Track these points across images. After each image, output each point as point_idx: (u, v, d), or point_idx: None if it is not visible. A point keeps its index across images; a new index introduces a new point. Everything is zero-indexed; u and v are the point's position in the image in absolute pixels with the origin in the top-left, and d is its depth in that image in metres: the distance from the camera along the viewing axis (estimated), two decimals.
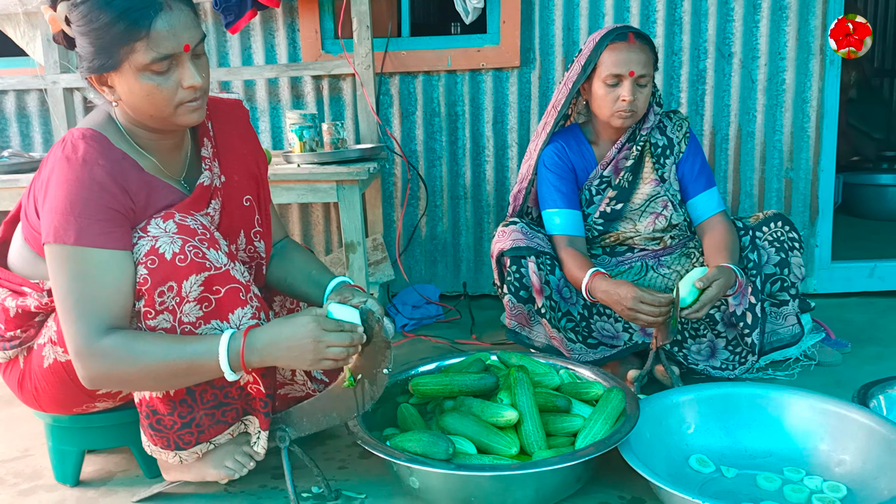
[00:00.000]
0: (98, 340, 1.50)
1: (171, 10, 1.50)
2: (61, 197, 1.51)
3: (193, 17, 1.56)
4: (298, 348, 1.54)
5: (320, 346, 1.54)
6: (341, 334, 1.56)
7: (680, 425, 1.92)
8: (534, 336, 2.42)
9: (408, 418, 1.90)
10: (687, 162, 2.42)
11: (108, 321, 1.52)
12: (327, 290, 1.82)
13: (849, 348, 2.64)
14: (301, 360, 1.55)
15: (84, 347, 1.51)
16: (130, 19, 1.47)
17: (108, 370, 1.52)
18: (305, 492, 1.83)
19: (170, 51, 1.51)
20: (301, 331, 1.54)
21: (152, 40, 1.48)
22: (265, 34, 3.33)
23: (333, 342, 1.55)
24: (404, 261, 3.43)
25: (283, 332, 1.55)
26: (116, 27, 1.47)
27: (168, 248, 1.54)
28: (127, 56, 1.50)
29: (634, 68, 2.23)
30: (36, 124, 3.52)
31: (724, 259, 2.19)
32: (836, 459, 1.81)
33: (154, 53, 1.49)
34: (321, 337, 1.54)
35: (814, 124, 3.17)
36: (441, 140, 3.35)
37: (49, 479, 1.95)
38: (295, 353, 1.54)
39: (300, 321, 1.56)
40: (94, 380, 1.54)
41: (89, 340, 1.50)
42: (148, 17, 1.47)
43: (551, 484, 1.68)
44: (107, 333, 1.51)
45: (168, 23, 1.49)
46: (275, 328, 1.57)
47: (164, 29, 1.49)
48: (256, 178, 1.86)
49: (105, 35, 1.48)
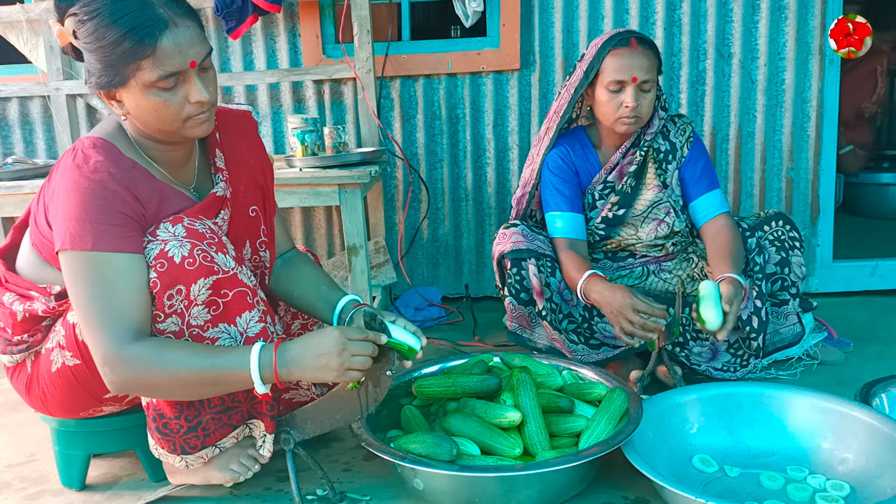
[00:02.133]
0: (127, 346, 1.50)
1: (177, 27, 1.51)
2: (74, 204, 1.52)
3: (199, 32, 1.57)
4: (325, 357, 1.56)
5: (345, 355, 1.56)
6: (365, 343, 1.59)
7: (683, 425, 1.93)
8: (535, 338, 2.42)
9: (411, 420, 1.91)
10: (689, 166, 2.41)
11: (134, 326, 1.52)
12: (337, 308, 1.84)
13: (851, 347, 2.64)
14: (328, 370, 1.57)
15: (112, 353, 1.51)
16: (136, 37, 1.48)
17: (138, 376, 1.52)
18: (310, 494, 1.83)
19: (176, 68, 1.52)
20: (326, 341, 1.57)
21: (158, 58, 1.49)
22: (266, 39, 3.34)
23: (358, 351, 1.57)
24: (406, 263, 3.44)
25: (310, 343, 1.58)
26: (123, 45, 1.48)
27: (177, 252, 1.55)
28: (134, 73, 1.51)
29: (637, 74, 2.22)
30: (39, 131, 3.52)
31: (728, 268, 2.15)
32: (838, 458, 1.81)
33: (160, 71, 1.50)
34: (346, 346, 1.57)
35: (814, 124, 3.18)
36: (442, 143, 3.36)
37: (55, 484, 1.96)
38: (322, 363, 1.56)
39: (326, 331, 1.59)
40: (124, 385, 1.54)
41: (118, 346, 1.50)
42: (153, 35, 1.48)
43: (555, 484, 1.68)
44: (136, 339, 1.52)
45: (174, 40, 1.50)
46: (302, 341, 1.59)
47: (170, 47, 1.50)
48: (263, 189, 1.88)
49: (112, 53, 1.50)
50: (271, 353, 1.56)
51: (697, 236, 2.49)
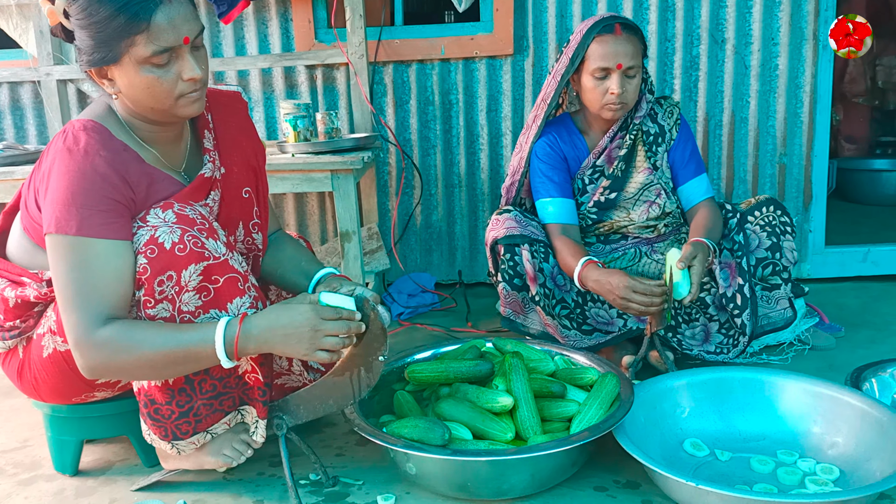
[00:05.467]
0: (97, 330, 1.51)
1: (171, 3, 1.51)
2: (63, 188, 1.51)
3: (192, 10, 1.56)
4: (295, 336, 1.53)
5: (317, 335, 1.53)
6: (339, 323, 1.55)
7: (674, 410, 1.94)
8: (528, 323, 2.43)
9: (404, 405, 1.91)
10: (678, 149, 2.44)
11: (107, 311, 1.52)
12: (313, 280, 1.83)
13: (842, 332, 2.65)
14: (297, 349, 1.55)
15: (83, 337, 1.51)
16: (131, 12, 1.47)
17: (106, 360, 1.52)
18: (303, 479, 1.84)
19: (170, 43, 1.51)
20: (299, 318, 1.53)
21: (152, 33, 1.49)
22: (258, 24, 3.32)
23: (331, 331, 1.54)
24: (399, 250, 3.44)
25: (280, 319, 1.54)
26: (117, 20, 1.48)
27: (167, 238, 1.54)
28: (127, 49, 1.50)
29: (622, 61, 2.23)
30: (30, 116, 3.51)
31: (699, 235, 2.21)
32: (829, 442, 1.82)
33: (154, 46, 1.50)
34: (319, 326, 1.53)
35: (807, 110, 3.18)
36: (435, 129, 3.35)
37: (48, 469, 1.96)
38: (292, 342, 1.54)
39: (298, 308, 1.55)
40: (93, 369, 1.54)
41: (88, 330, 1.51)
42: (148, 10, 1.48)
43: (547, 468, 1.69)
44: (105, 323, 1.51)
45: (168, 16, 1.50)
46: (271, 314, 1.56)
47: (164, 22, 1.49)
48: (255, 170, 1.87)
49: (105, 28, 1.49)
50: (236, 327, 1.53)
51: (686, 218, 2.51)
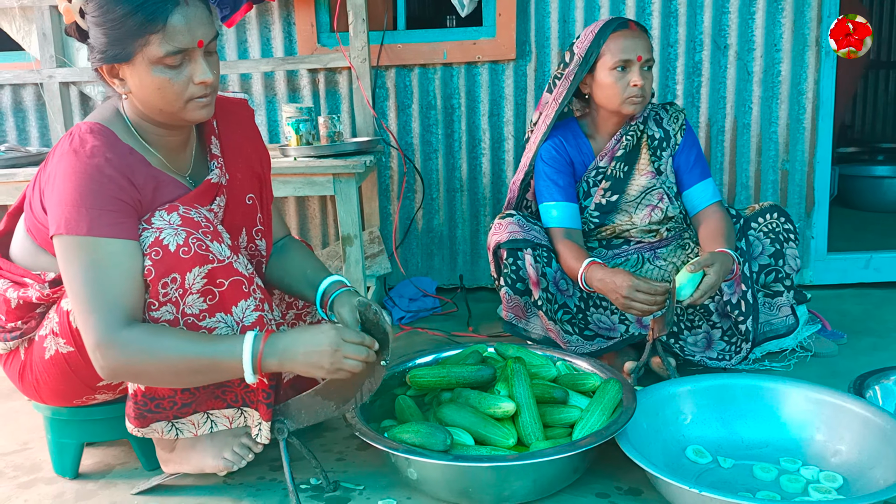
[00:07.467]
0: (119, 331, 1.50)
1: (188, 6, 1.52)
2: (70, 189, 1.51)
3: (208, 14, 1.57)
4: (317, 354, 1.55)
5: (338, 356, 1.55)
6: (359, 347, 1.58)
7: (676, 416, 1.93)
8: (530, 328, 2.42)
9: (405, 410, 1.91)
10: (682, 154, 2.43)
11: (126, 312, 1.52)
12: (319, 289, 1.83)
13: (845, 339, 2.65)
14: (317, 368, 1.57)
15: (105, 338, 1.50)
16: (147, 12, 1.48)
17: (128, 362, 1.52)
18: (304, 483, 1.83)
19: (184, 45, 1.52)
20: (321, 338, 1.56)
21: (168, 34, 1.50)
22: (261, 28, 3.32)
23: (351, 354, 1.56)
24: (401, 254, 3.43)
25: (302, 338, 1.57)
26: (133, 19, 1.48)
27: (172, 240, 1.54)
28: (141, 48, 1.51)
29: (642, 53, 2.26)
30: (32, 119, 3.51)
31: (721, 245, 2.21)
32: (832, 450, 1.81)
33: (169, 47, 1.50)
34: (340, 347, 1.55)
35: (810, 116, 3.18)
36: (437, 133, 3.35)
37: (48, 472, 1.95)
38: (313, 360, 1.55)
39: (321, 328, 1.58)
40: (114, 370, 1.54)
41: (110, 331, 1.50)
42: (165, 10, 1.49)
43: (549, 474, 1.68)
44: (127, 325, 1.51)
45: (184, 17, 1.51)
46: (295, 334, 1.58)
47: (180, 23, 1.50)
48: (259, 177, 1.87)
49: (121, 26, 1.49)
50: (261, 342, 1.55)
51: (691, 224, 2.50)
